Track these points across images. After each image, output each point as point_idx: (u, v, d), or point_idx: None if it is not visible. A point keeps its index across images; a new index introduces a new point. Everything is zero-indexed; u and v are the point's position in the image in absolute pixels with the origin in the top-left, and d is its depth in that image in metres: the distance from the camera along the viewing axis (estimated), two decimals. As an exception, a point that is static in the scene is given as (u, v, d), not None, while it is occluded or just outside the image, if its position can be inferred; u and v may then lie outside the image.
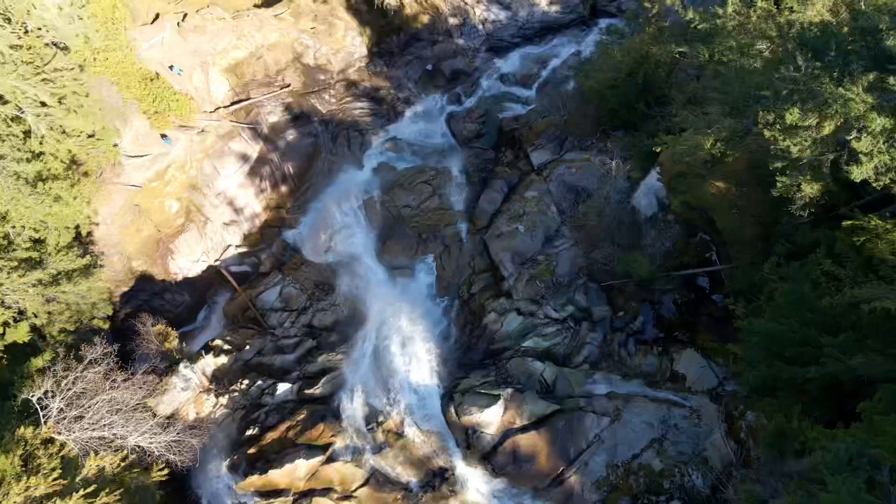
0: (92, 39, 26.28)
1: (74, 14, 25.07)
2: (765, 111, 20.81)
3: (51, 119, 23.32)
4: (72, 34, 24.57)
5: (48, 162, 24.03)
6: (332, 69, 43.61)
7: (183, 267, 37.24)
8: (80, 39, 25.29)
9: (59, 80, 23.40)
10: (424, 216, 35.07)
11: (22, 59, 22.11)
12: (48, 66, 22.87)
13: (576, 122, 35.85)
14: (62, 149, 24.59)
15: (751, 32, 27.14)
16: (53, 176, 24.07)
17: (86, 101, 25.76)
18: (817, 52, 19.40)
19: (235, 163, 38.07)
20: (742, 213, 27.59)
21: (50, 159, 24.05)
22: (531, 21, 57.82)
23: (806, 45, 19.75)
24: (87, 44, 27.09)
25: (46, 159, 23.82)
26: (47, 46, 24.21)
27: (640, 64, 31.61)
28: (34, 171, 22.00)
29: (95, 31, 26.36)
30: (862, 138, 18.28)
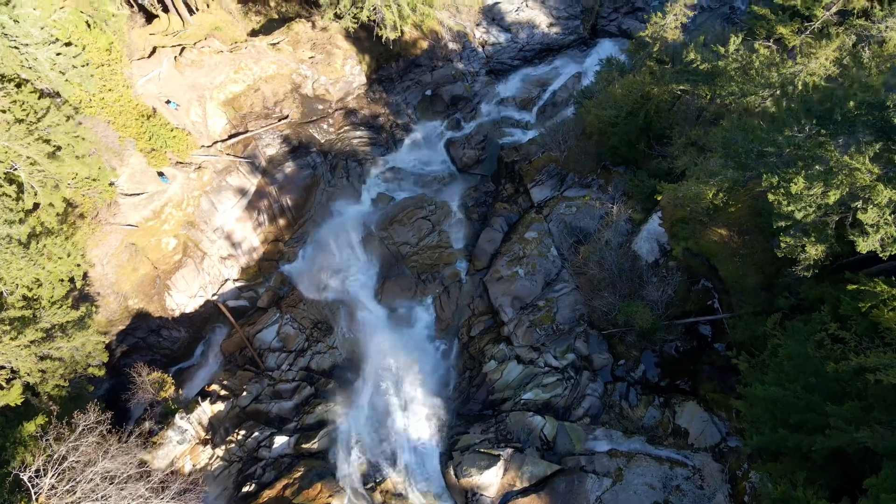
0: (87, 86, 25.92)
1: (69, 65, 24.76)
2: (768, 174, 20.46)
3: (44, 174, 22.99)
4: (67, 85, 24.25)
5: (42, 214, 23.71)
6: (331, 98, 43.28)
7: (180, 303, 36.90)
8: (75, 89, 24.98)
9: (54, 133, 23.07)
10: (423, 254, 34.71)
11: (14, 116, 21.78)
12: (42, 121, 22.53)
13: (576, 158, 35.51)
14: (56, 199, 24.26)
15: (753, 79, 26.90)
16: (47, 230, 23.73)
17: (82, 144, 25.38)
18: (821, 119, 19.07)
19: (233, 197, 37.72)
20: (744, 262, 27.26)
21: (44, 212, 23.72)
22: (531, 43, 57.58)
23: (810, 110, 19.42)
24: (82, 90, 26.80)
25: (41, 211, 23.47)
26: (41, 98, 23.88)
27: (642, 104, 31.28)
28: (26, 232, 21.67)
29: (90, 76, 26.00)
30: (868, 210, 17.95)
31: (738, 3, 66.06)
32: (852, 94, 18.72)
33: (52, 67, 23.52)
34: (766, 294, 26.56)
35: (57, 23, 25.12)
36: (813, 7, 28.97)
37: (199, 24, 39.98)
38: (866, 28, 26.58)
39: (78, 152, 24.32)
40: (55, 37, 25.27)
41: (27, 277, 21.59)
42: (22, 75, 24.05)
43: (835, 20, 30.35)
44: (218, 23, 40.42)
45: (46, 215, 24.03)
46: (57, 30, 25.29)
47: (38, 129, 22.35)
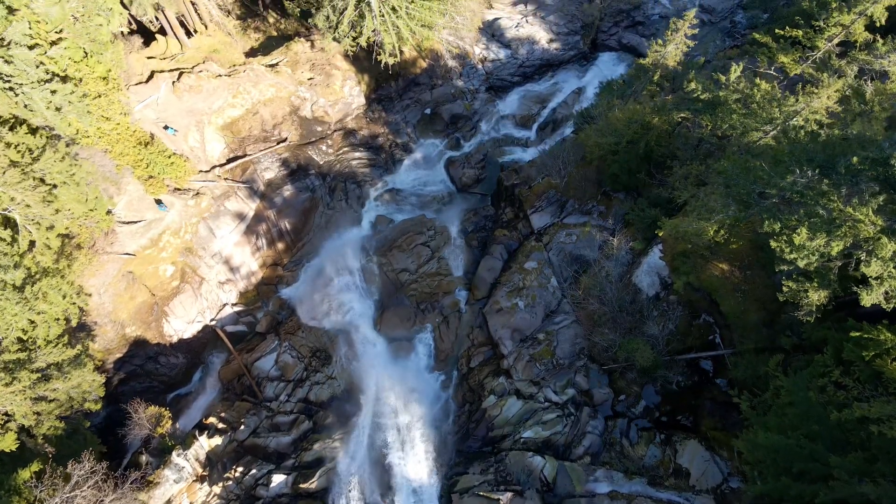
0: (83, 122, 25.70)
1: (65, 101, 24.54)
2: (770, 219, 20.25)
3: (40, 217, 22.76)
4: (63, 122, 24.04)
5: (38, 254, 23.49)
6: (330, 120, 43.06)
7: (178, 329, 36.68)
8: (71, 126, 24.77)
9: (49, 173, 22.86)
10: (423, 282, 34.48)
11: (9, 159, 21.57)
12: (37, 163, 22.31)
13: (576, 184, 35.28)
14: (52, 238, 24.05)
15: (755, 112, 26.66)
16: (43, 270, 23.50)
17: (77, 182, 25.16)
18: (824, 168, 18.86)
19: (231, 222, 37.50)
20: (746, 297, 27.04)
21: (39, 252, 23.50)
22: (531, 59, 57.39)
23: (812, 160, 19.20)
24: (78, 124, 26.57)
25: (36, 251, 23.26)
26: (36, 136, 23.66)
27: (642, 134, 31.06)
28: (21, 278, 21.44)
29: (87, 112, 25.77)
30: (872, 263, 17.73)
31: (739, 17, 65.96)
32: (855, 147, 18.50)
33: (47, 106, 23.31)
34: (768, 331, 26.33)
35: (53, 58, 24.92)
36: (815, 38, 28.78)
37: (198, 46, 39.79)
38: (868, 62, 26.38)
39: (74, 191, 24.07)
40: (51, 72, 25.07)
41: (22, 322, 21.37)
42: (17, 114, 23.84)
43: (837, 51, 30.21)
44: (216, 45, 40.21)
45: (42, 255, 23.82)
46: (53, 65, 25.09)
47: (32, 172, 22.15)
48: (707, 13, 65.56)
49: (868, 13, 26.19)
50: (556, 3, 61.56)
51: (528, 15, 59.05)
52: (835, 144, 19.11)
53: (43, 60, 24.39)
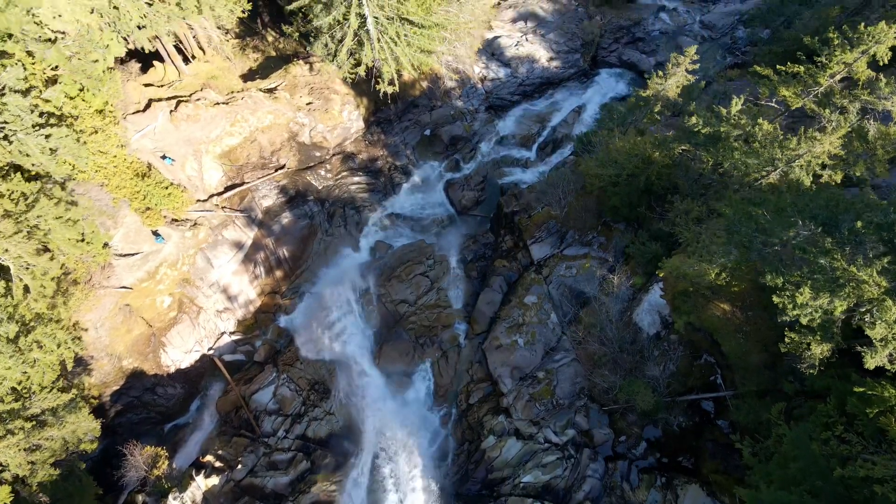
0: (79, 164, 25.48)
1: (60, 144, 24.30)
2: (773, 273, 20.00)
3: (34, 268, 22.54)
4: (59, 167, 23.81)
5: (32, 301, 23.28)
6: (328, 145, 42.83)
7: (175, 359, 36.43)
8: (67, 167, 24.55)
9: (44, 220, 22.63)
10: (422, 314, 34.23)
11: (3, 209, 21.35)
12: (31, 212, 22.08)
13: (576, 215, 35.04)
14: (47, 284, 23.82)
15: (756, 151, 26.41)
16: (37, 316, 23.27)
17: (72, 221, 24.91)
18: (827, 227, 18.62)
19: (229, 251, 37.26)
20: (748, 339, 26.79)
21: (33, 300, 23.29)
22: (531, 77, 57.18)
23: (815, 217, 18.96)
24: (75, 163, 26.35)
25: (30, 298, 23.05)
26: (29, 181, 23.43)
27: (643, 169, 30.83)
28: (14, 331, 21.21)
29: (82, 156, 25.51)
30: (876, 325, 17.48)
31: (739, 32, 65.75)
32: (859, 206, 18.27)
33: (42, 151, 23.09)
34: (770, 373, 26.07)
35: (48, 100, 24.70)
36: (817, 75, 28.51)
37: (195, 73, 39.57)
38: (871, 103, 26.11)
39: (69, 233, 23.83)
40: (46, 113, 24.86)
41: (16, 374, 21.14)
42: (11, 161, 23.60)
43: (839, 87, 29.96)
44: (214, 71, 39.99)
45: (36, 302, 23.58)
46: (48, 106, 24.87)
47: (27, 221, 21.91)
48: (707, 29, 65.43)
49: (871, 52, 25.94)
50: (556, 21, 61.39)
51: (528, 33, 58.86)
52: (838, 201, 18.88)
53: (37, 103, 24.17)
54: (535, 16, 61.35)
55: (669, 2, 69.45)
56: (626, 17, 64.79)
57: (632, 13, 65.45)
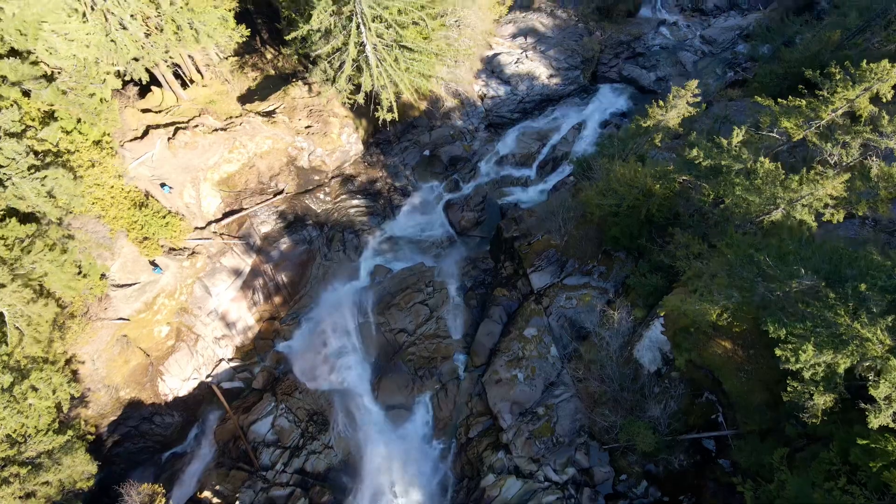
0: (75, 204, 25.29)
1: (56, 185, 24.10)
2: (775, 325, 19.79)
3: (28, 316, 22.35)
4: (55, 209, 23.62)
5: (27, 347, 23.08)
6: (327, 169, 42.63)
7: (173, 387, 36.22)
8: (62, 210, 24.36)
9: (39, 264, 22.42)
10: (421, 345, 34.02)
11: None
12: (26, 257, 21.88)
13: (576, 244, 34.83)
14: (42, 329, 23.63)
15: (759, 188, 26.19)
16: (32, 359, 23.08)
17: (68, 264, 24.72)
18: (830, 282, 18.41)
19: (227, 279, 37.05)
20: (750, 377, 26.55)
21: (29, 346, 23.09)
22: (531, 95, 56.98)
23: (818, 271, 18.76)
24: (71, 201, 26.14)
25: (25, 344, 22.85)
26: (25, 223, 23.23)
27: (644, 201, 30.61)
28: (9, 381, 21.01)
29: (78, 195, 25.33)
30: (880, 384, 17.27)
31: (740, 47, 65.55)
32: (861, 262, 18.06)
33: (38, 195, 22.89)
34: (772, 413, 25.85)
35: (44, 140, 24.51)
36: (819, 109, 28.31)
37: (193, 97, 39.36)
38: (874, 141, 25.92)
39: (65, 276, 23.63)
40: (42, 154, 24.67)
41: (10, 424, 20.93)
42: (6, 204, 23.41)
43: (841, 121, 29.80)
44: (212, 96, 39.79)
45: (31, 346, 23.37)
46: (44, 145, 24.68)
47: (21, 267, 21.70)
48: (707, 44, 65.24)
49: (874, 90, 25.75)
50: (556, 37, 61.22)
51: (528, 49, 58.67)
52: (841, 256, 18.68)
53: (33, 144, 23.98)
54: (535, 31, 61.17)
55: (670, 15, 69.33)
56: (627, 32, 64.60)
57: (632, 28, 65.27)
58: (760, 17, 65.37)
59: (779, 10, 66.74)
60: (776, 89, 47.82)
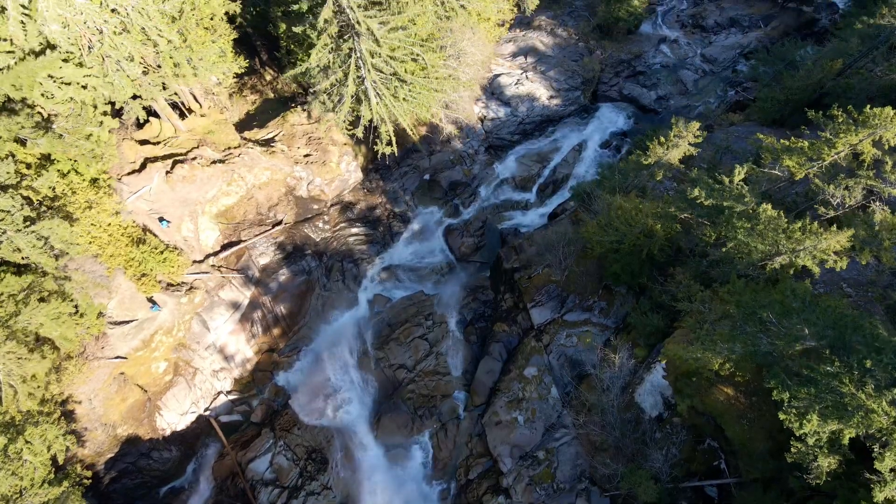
0: (72, 252, 25.05)
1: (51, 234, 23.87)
2: (779, 387, 19.55)
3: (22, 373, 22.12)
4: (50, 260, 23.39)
5: (22, 402, 22.84)
6: (326, 198, 42.42)
7: (171, 422, 35.96)
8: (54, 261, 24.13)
9: (34, 320, 22.20)
10: (420, 382, 33.78)
11: (-9, 315, 20.95)
12: (20, 315, 21.64)
13: (577, 279, 34.59)
14: (38, 383, 23.39)
15: (762, 233, 25.94)
16: (27, 413, 22.84)
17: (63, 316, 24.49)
18: (835, 349, 18.17)
19: (226, 312, 36.81)
20: (753, 425, 26.29)
21: (23, 401, 22.85)
22: (531, 116, 56.75)
23: (823, 337, 18.51)
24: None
25: (20, 399, 22.62)
26: (20, 275, 23.00)
27: (645, 241, 30.37)
28: (2, 444, 20.77)
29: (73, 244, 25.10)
30: (885, 457, 17.02)
31: (741, 66, 65.32)
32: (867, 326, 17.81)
33: (33, 247, 22.66)
34: (776, 461, 25.57)
35: (39, 189, 24.29)
36: (822, 151, 28.08)
37: (191, 128, 39.12)
38: (877, 188, 25.70)
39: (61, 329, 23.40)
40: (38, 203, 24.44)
41: (4, 486, 20.68)
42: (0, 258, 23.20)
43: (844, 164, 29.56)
44: (211, 126, 39.54)
45: (26, 403, 23.13)
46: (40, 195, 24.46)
47: (15, 324, 21.47)
48: (708, 63, 65.04)
49: (877, 136, 25.51)
50: (556, 56, 61.01)
51: (529, 70, 58.47)
52: (846, 323, 18.44)
53: (28, 195, 23.76)
54: (536, 50, 60.95)
55: (671, 32, 69.12)
56: (627, 50, 64.39)
57: (632, 46, 65.07)
58: (761, 36, 65.22)
59: (779, 27, 66.69)
60: (777, 114, 47.73)
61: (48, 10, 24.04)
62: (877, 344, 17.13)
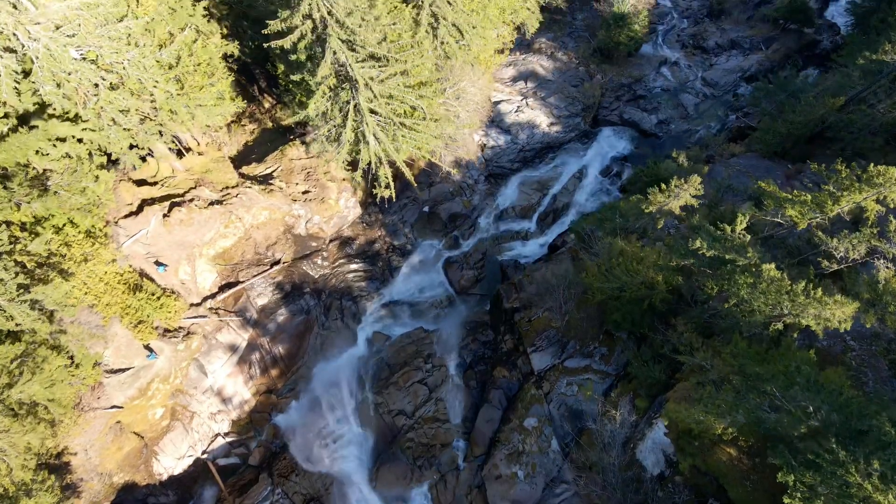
0: (67, 313, 24.77)
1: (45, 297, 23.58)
2: (784, 468, 19.23)
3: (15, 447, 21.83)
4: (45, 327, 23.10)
5: (17, 473, 22.55)
6: (325, 235, 42.14)
7: (168, 466, 35.64)
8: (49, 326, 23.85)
9: (28, 390, 21.91)
10: (420, 430, 33.46)
11: (-16, 389, 20.68)
12: (13, 388, 21.37)
13: (577, 324, 34.29)
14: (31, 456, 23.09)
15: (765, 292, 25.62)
16: (22, 484, 22.53)
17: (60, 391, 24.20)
18: (840, 438, 17.86)
19: (223, 355, 36.51)
20: (756, 487, 25.94)
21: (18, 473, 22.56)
22: (531, 143, 56.47)
23: (829, 425, 18.20)
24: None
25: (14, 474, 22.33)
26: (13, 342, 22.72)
27: (646, 294, 30.07)
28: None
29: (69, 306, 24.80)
30: (893, 552, 16.68)
31: (741, 90, 65.03)
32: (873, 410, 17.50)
33: (27, 316, 22.37)
34: (779, 525, 25.24)
35: (32, 253, 23.99)
36: (825, 206, 27.78)
37: (189, 167, 38.83)
38: (882, 248, 25.39)
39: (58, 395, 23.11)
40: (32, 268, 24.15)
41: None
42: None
43: (848, 218, 29.25)
44: (208, 164, 39.28)
45: (20, 474, 22.83)
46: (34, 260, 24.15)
47: (8, 398, 21.19)
48: (709, 86, 64.78)
49: (882, 196, 25.21)
50: (556, 80, 60.75)
51: (529, 96, 58.20)
52: (851, 409, 18.14)
53: (22, 259, 23.48)
54: (536, 75, 60.68)
55: (671, 52, 68.86)
56: (628, 73, 64.07)
57: (633, 69, 64.75)
58: (762, 59, 64.93)
59: (780, 50, 66.38)
60: (779, 147, 47.41)
61: (43, 70, 23.77)
62: (884, 437, 16.83)
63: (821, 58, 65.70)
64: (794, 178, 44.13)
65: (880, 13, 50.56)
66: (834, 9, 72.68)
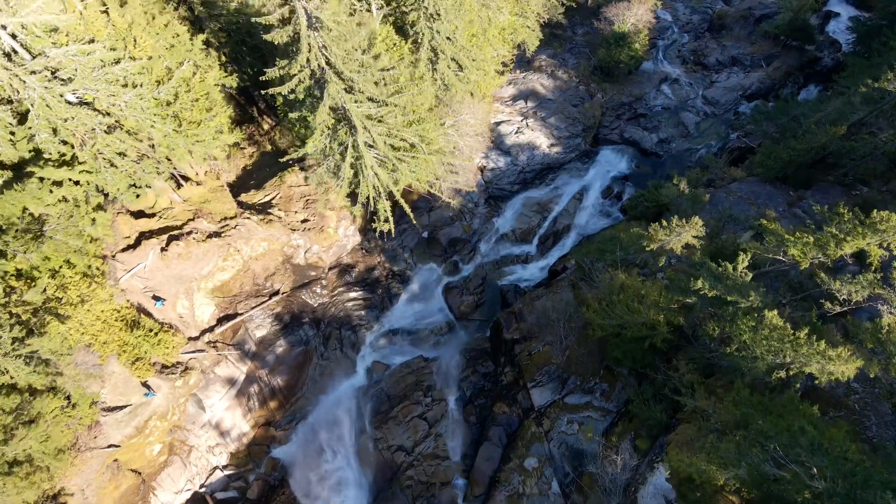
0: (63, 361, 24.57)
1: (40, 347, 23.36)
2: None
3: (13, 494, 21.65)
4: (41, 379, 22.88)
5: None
6: (324, 264, 41.91)
7: (166, 501, 35.33)
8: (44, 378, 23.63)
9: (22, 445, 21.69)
10: (419, 467, 33.20)
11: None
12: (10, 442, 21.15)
13: (578, 360, 34.05)
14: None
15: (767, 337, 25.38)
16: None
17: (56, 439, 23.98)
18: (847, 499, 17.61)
19: (221, 388, 36.27)
20: (758, 536, 25.71)
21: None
22: (532, 164, 56.20)
23: (833, 496, 17.96)
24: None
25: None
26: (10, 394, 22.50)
27: (647, 334, 29.83)
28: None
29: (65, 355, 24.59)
30: None
31: (743, 107, 64.78)
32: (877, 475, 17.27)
33: (22, 370, 22.16)
34: (782, 576, 24.98)
35: (28, 303, 23.78)
36: (827, 248, 27.54)
37: (187, 197, 38.62)
38: (885, 297, 25.14)
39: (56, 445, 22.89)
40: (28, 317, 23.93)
41: None
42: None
43: (851, 261, 28.98)
44: (206, 195, 39.06)
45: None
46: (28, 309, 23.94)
47: (3, 456, 20.97)
48: (710, 105, 64.49)
49: (886, 242, 24.97)
50: (557, 100, 60.47)
51: (529, 116, 57.96)
52: (856, 480, 17.90)
53: (17, 311, 23.27)
54: (536, 94, 60.44)
55: (672, 68, 68.56)
56: (628, 92, 63.81)
57: (633, 87, 64.50)
58: (763, 77, 64.69)
59: (781, 68, 66.12)
60: (780, 172, 47.16)
61: (39, 118, 23.58)
62: None
63: (822, 75, 65.44)
64: (796, 206, 43.90)
65: (882, 36, 50.29)
66: (835, 24, 72.27)
